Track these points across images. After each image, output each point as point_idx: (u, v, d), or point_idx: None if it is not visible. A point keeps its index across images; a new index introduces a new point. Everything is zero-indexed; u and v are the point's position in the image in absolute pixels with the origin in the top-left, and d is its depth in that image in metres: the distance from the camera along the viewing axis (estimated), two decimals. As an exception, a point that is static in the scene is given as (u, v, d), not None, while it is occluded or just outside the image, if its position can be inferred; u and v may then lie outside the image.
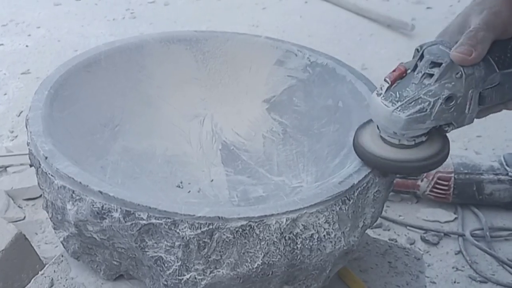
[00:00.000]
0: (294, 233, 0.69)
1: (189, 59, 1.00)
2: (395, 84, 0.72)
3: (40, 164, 0.76)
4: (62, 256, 0.85)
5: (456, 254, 1.44)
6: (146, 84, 0.97)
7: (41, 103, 0.83)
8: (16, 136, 1.76)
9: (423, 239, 1.47)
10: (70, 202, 0.72)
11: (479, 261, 1.41)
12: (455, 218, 1.54)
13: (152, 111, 0.96)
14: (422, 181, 1.56)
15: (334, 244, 0.71)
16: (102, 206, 0.69)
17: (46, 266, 0.85)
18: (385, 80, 0.73)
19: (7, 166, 1.58)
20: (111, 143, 0.89)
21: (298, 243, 0.69)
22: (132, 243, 0.70)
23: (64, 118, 0.85)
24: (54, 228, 0.79)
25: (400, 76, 0.73)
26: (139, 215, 0.68)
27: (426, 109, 0.70)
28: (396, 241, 1.44)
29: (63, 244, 0.79)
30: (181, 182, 0.89)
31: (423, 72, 0.71)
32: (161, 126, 0.96)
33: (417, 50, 0.74)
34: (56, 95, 0.85)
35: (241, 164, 0.94)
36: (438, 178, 1.54)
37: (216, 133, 0.98)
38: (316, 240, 0.70)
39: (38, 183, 0.79)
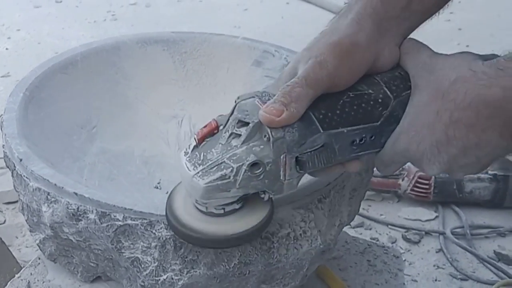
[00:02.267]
0: (270, 232, 0.69)
1: (167, 60, 1.00)
2: (204, 143, 0.63)
3: (15, 166, 0.75)
4: (39, 258, 0.85)
5: (437, 252, 1.45)
6: (123, 86, 0.96)
7: (16, 105, 0.82)
8: (-4, 140, 1.75)
9: (405, 238, 1.48)
10: (46, 204, 0.71)
11: (459, 259, 1.43)
12: (436, 217, 1.56)
13: (129, 112, 0.96)
14: (403, 180, 1.57)
15: (311, 243, 0.71)
16: (78, 208, 0.69)
17: (23, 269, 0.84)
18: (193, 137, 0.63)
19: (-13, 170, 1.57)
20: (88, 144, 0.89)
21: (275, 242, 0.69)
22: (109, 244, 0.70)
23: (40, 120, 0.84)
24: (30, 231, 0.79)
25: (210, 133, 0.63)
26: (114, 216, 0.68)
27: (229, 176, 0.59)
28: (378, 240, 1.45)
29: (39, 247, 0.79)
30: (159, 183, 0.89)
31: (230, 132, 0.62)
32: (138, 127, 0.95)
33: (235, 101, 0.64)
34: (31, 97, 0.85)
35: (219, 165, 0.93)
36: (419, 177, 1.55)
37: (194, 134, 0.97)
38: (292, 238, 0.70)
39: (14, 186, 0.78)
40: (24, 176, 0.73)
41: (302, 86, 0.61)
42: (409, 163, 0.67)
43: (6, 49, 2.36)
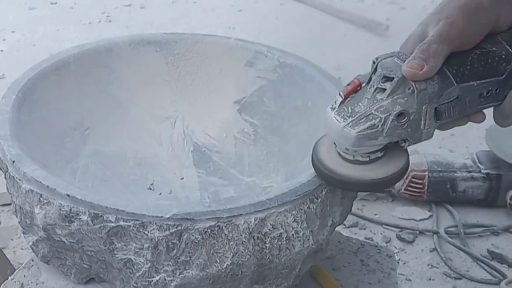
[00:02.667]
0: (263, 233, 0.69)
1: (159, 61, 1.00)
2: (349, 98, 0.69)
3: (7, 168, 0.75)
4: (33, 260, 0.85)
5: (431, 251, 1.45)
6: (116, 87, 0.97)
7: (8, 107, 0.82)
8: (-10, 142, 1.75)
9: (399, 237, 1.49)
10: (38, 206, 0.71)
11: (453, 258, 1.43)
12: (430, 216, 1.56)
13: (122, 114, 0.96)
14: (397, 179, 1.57)
15: (303, 243, 0.71)
16: (70, 209, 0.69)
17: (16, 271, 0.84)
18: (339, 94, 0.70)
19: (-19, 172, 1.57)
20: (81, 146, 0.89)
21: (267, 242, 0.69)
22: (101, 246, 0.70)
23: (33, 122, 0.84)
24: (24, 233, 0.79)
25: (354, 90, 0.69)
26: (107, 217, 0.68)
27: (377, 126, 0.67)
28: (372, 240, 1.45)
29: (32, 249, 0.79)
30: (152, 184, 0.89)
31: (375, 87, 0.68)
32: (131, 129, 0.95)
33: (373, 62, 0.71)
34: (24, 99, 0.85)
35: (212, 166, 0.94)
36: (413, 177, 1.55)
37: (187, 135, 0.98)
38: (284, 239, 0.70)
39: (7, 188, 0.78)
40: (16, 178, 0.73)
41: (437, 43, 0.68)
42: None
43: (1, 51, 2.36)
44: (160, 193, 0.88)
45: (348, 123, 0.68)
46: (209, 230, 0.67)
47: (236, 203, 0.71)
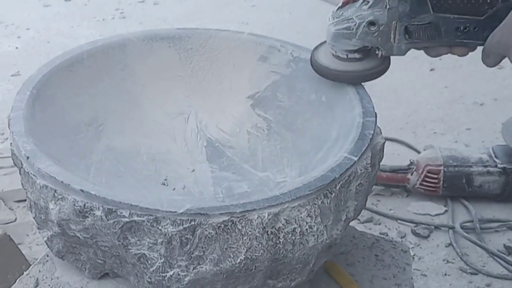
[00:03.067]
0: (277, 228, 0.69)
1: (172, 56, 1.00)
2: (347, 6, 0.82)
3: (22, 164, 0.76)
4: (47, 256, 0.85)
5: (446, 246, 1.44)
6: (129, 83, 0.97)
7: (23, 103, 0.82)
8: (7, 138, 1.76)
9: (414, 233, 1.48)
10: (53, 202, 0.72)
11: (469, 253, 1.42)
12: (445, 211, 1.55)
13: (135, 109, 0.96)
14: (412, 174, 1.56)
15: (317, 238, 0.71)
16: (84, 205, 0.69)
17: (32, 266, 0.85)
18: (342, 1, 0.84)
19: (-3, 168, 1.58)
20: (94, 142, 0.89)
21: (281, 237, 0.69)
22: (115, 241, 0.70)
23: (47, 118, 0.85)
24: (38, 228, 0.79)
25: (352, 0, 0.83)
26: (121, 212, 0.68)
27: (352, 28, 0.81)
28: (387, 235, 1.44)
29: (47, 244, 0.79)
30: (166, 180, 0.89)
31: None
32: (145, 124, 0.95)
33: None
34: (38, 95, 0.85)
35: (226, 161, 0.94)
36: (428, 172, 1.54)
37: (200, 130, 0.98)
38: (298, 234, 0.70)
39: (22, 183, 0.79)
40: (31, 173, 0.74)
41: None
42: (417, 158, 0.68)
43: (16, 48, 2.37)
44: (174, 188, 0.88)
45: (333, 22, 0.83)
46: (222, 225, 0.67)
47: (250, 198, 0.71)
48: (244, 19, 2.62)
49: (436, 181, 1.54)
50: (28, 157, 0.74)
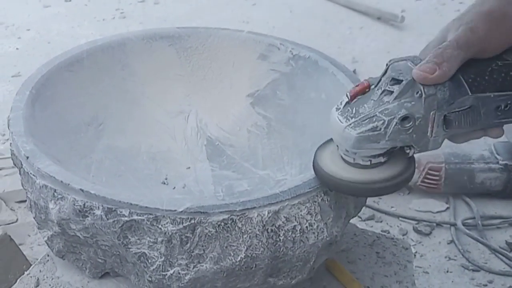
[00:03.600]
0: (277, 225, 0.69)
1: (172, 55, 1.00)
2: (355, 100, 0.67)
3: (22, 164, 0.76)
4: (48, 255, 0.85)
5: (448, 243, 1.44)
6: (129, 82, 0.97)
7: (23, 103, 0.82)
8: (8, 139, 1.76)
9: (416, 230, 1.48)
10: (52, 201, 0.72)
11: (471, 250, 1.42)
12: (447, 208, 1.55)
13: (136, 109, 0.96)
14: (413, 172, 1.56)
15: (317, 235, 0.71)
16: (84, 204, 0.69)
17: (32, 266, 0.85)
18: (346, 94, 0.68)
19: (-1, 169, 1.59)
20: (95, 141, 0.89)
21: (281, 235, 0.69)
22: (115, 240, 0.70)
23: (47, 118, 0.85)
24: (38, 228, 0.79)
25: (362, 91, 0.68)
26: (121, 212, 0.68)
27: (380, 128, 0.65)
28: (389, 232, 1.44)
29: (47, 244, 0.79)
30: (166, 179, 0.89)
31: (383, 89, 0.66)
32: (145, 124, 0.96)
33: (386, 64, 0.69)
34: (38, 95, 0.85)
35: (226, 159, 0.94)
36: (429, 169, 1.54)
37: (201, 129, 0.98)
38: (298, 231, 0.70)
39: (22, 183, 0.79)
40: (31, 173, 0.74)
41: (454, 48, 0.65)
42: (418, 155, 0.66)
43: (17, 49, 2.37)
44: (174, 187, 0.88)
45: (350, 124, 0.66)
46: (222, 223, 0.67)
47: (250, 196, 0.71)
48: (245, 18, 2.62)
49: (437, 178, 1.54)
50: (27, 157, 0.74)
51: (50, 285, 0.81)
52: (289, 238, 0.70)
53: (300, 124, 0.92)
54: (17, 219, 1.47)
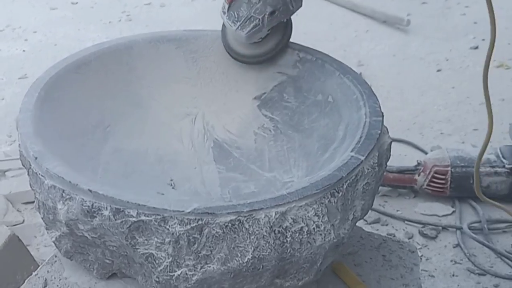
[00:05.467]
0: (284, 227, 0.69)
1: (179, 58, 1.00)
2: (233, 3, 0.91)
3: (30, 164, 0.76)
4: (56, 256, 0.86)
5: (454, 247, 1.44)
6: (136, 85, 0.97)
7: (31, 105, 0.83)
8: (14, 141, 1.77)
9: (421, 233, 1.47)
10: (61, 202, 0.72)
11: (477, 253, 1.41)
12: (453, 212, 1.54)
13: (143, 111, 0.96)
14: (419, 175, 1.56)
15: (324, 237, 0.71)
16: (92, 205, 0.70)
17: (40, 266, 0.85)
18: (224, 1, 0.92)
19: (6, 171, 1.59)
20: (102, 144, 0.90)
21: (288, 236, 0.69)
22: (123, 240, 0.70)
23: (55, 119, 0.85)
24: (46, 228, 0.80)
25: None
26: (128, 212, 0.68)
27: (259, 24, 0.91)
28: (394, 236, 1.44)
29: (55, 244, 0.80)
30: (171, 180, 0.89)
31: None
32: (152, 126, 0.96)
33: None
34: (46, 97, 0.86)
35: (233, 161, 0.94)
36: (435, 172, 1.54)
37: (207, 131, 0.98)
38: (305, 233, 0.70)
39: (30, 184, 0.79)
40: (39, 174, 0.74)
41: None
42: (424, 158, 0.67)
43: (23, 51, 2.38)
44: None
45: (238, 27, 0.91)
46: (229, 224, 0.67)
47: (257, 197, 0.71)
48: (250, 21, 2.62)
49: (443, 181, 1.53)
50: (36, 158, 0.75)
51: (57, 285, 0.81)
52: (296, 239, 0.70)
53: (306, 127, 0.93)
54: (23, 220, 1.47)
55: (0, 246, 1.01)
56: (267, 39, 0.95)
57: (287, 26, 0.98)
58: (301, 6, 0.96)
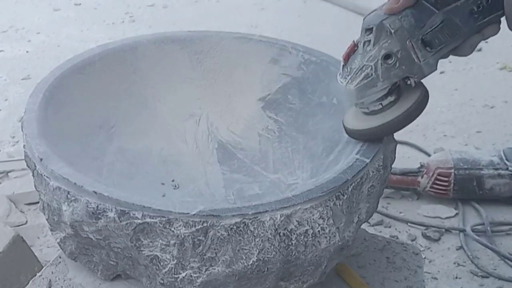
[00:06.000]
0: (289, 229, 0.69)
1: (184, 59, 1.00)
2: (349, 60, 0.76)
3: (35, 166, 0.76)
4: (60, 257, 0.86)
5: (457, 249, 1.43)
6: (140, 85, 0.97)
7: (36, 105, 0.83)
8: (18, 142, 1.77)
9: (424, 236, 1.47)
10: (66, 203, 0.72)
11: (480, 256, 1.41)
12: (456, 214, 1.54)
13: (147, 112, 0.96)
14: (422, 177, 1.56)
15: (329, 240, 0.71)
16: (97, 206, 0.70)
17: (44, 267, 0.85)
18: (342, 58, 0.77)
19: (9, 171, 1.59)
20: (106, 144, 0.90)
21: (293, 239, 0.69)
22: (128, 242, 0.70)
23: (59, 120, 0.85)
24: (51, 230, 0.80)
25: (352, 51, 0.76)
26: (133, 214, 0.68)
27: (371, 74, 0.73)
28: (397, 238, 1.44)
29: (60, 245, 0.80)
30: (173, 180, 0.89)
31: (363, 41, 0.74)
32: (156, 127, 0.96)
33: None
34: (51, 98, 0.86)
35: (237, 163, 0.94)
36: (438, 174, 1.54)
37: (211, 132, 0.98)
38: (310, 235, 0.70)
39: (35, 185, 0.79)
40: (44, 175, 0.74)
41: None
42: (427, 160, 0.67)
43: (27, 52, 2.38)
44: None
45: (348, 81, 0.75)
46: (234, 227, 0.67)
47: (262, 199, 0.71)
48: (253, 22, 2.62)
49: (446, 184, 1.53)
50: (41, 159, 0.75)
51: (62, 286, 0.81)
52: (301, 242, 0.70)
53: (311, 128, 0.92)
54: (26, 221, 1.47)
55: (4, 246, 1.01)
56: (390, 107, 0.76)
57: (419, 92, 0.77)
58: (435, 70, 0.75)
